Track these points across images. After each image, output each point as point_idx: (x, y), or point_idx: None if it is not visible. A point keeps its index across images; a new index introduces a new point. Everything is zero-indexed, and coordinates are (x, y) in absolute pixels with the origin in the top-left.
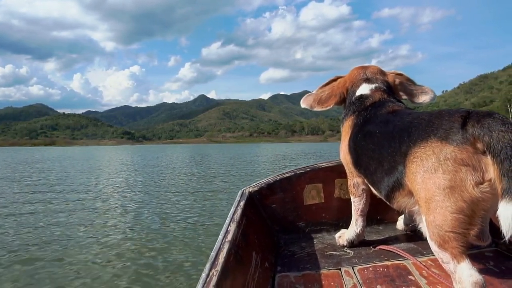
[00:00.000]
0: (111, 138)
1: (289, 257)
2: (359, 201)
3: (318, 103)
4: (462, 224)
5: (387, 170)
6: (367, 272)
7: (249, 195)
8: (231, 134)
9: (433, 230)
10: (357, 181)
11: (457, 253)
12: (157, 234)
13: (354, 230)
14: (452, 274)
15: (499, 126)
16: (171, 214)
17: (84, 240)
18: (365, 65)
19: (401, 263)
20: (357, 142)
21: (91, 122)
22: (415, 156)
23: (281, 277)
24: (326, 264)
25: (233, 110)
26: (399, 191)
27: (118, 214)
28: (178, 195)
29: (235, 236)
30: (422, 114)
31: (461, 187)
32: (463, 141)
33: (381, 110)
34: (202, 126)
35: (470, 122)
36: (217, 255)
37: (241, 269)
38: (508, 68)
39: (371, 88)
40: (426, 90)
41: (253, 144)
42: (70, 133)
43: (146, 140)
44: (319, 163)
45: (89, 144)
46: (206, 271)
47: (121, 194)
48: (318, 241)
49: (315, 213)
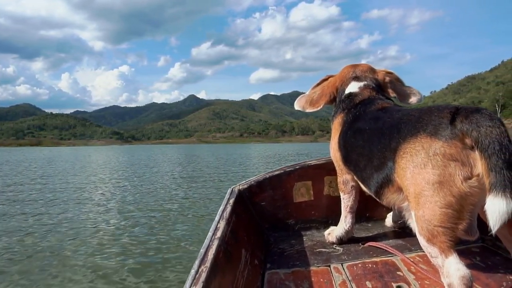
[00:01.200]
0: (100, 139)
1: (278, 254)
2: (348, 198)
3: (310, 104)
4: (450, 219)
5: (376, 166)
6: (356, 268)
7: (238, 193)
8: (221, 135)
9: (422, 224)
10: (347, 178)
11: (445, 247)
12: (146, 231)
13: (343, 227)
14: (440, 268)
15: (487, 121)
16: (160, 212)
17: (72, 240)
18: (356, 64)
19: (389, 259)
20: (347, 139)
21: (80, 122)
22: (405, 151)
23: (271, 274)
24: (315, 261)
25: (223, 110)
26: (389, 187)
27: (105, 213)
28: (167, 195)
29: (225, 233)
30: (411, 111)
31: (450, 182)
32: (452, 137)
33: (370, 107)
34: (192, 127)
35: (459, 118)
36: (206, 251)
37: (230, 266)
38: (495, 69)
39: (360, 86)
40: (414, 91)
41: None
42: (58, 133)
43: (135, 140)
44: (308, 161)
45: (76, 145)
46: (195, 267)
47: (107, 194)
48: (308, 238)
49: (304, 210)
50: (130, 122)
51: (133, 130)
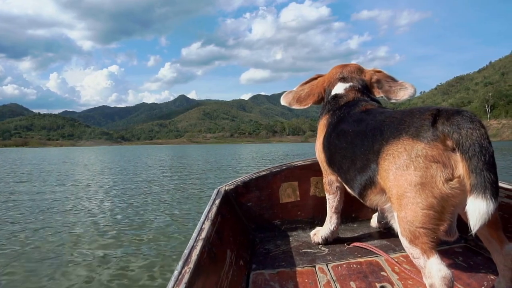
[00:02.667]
0: (89, 139)
1: (264, 254)
2: (334, 199)
3: (297, 101)
4: (432, 220)
5: (359, 168)
6: (340, 269)
7: (224, 194)
8: (211, 135)
9: (404, 226)
10: (332, 179)
11: (427, 248)
12: (129, 232)
13: (329, 228)
14: (422, 269)
15: (468, 123)
16: (146, 213)
17: (54, 240)
18: (345, 64)
19: (374, 259)
20: (331, 140)
21: (68, 122)
22: (388, 153)
23: (256, 274)
24: (300, 262)
25: (213, 111)
26: (372, 189)
27: (86, 215)
28: (152, 196)
29: (209, 234)
30: (394, 113)
31: (431, 184)
32: (433, 139)
33: (355, 109)
34: (182, 127)
35: (440, 120)
36: (190, 252)
37: (215, 267)
38: (483, 70)
39: (346, 88)
40: (406, 85)
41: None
42: (45, 134)
43: (125, 140)
44: (294, 162)
45: (64, 145)
46: (178, 268)
47: (89, 195)
48: (294, 239)
49: (290, 211)
50: (120, 122)
51: (122, 131)
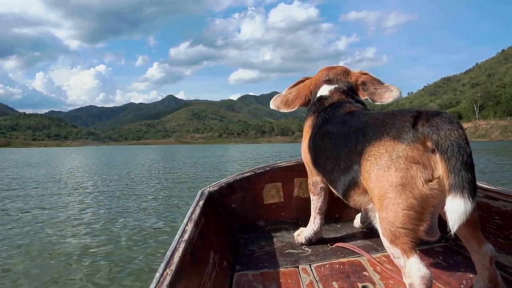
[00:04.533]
0: (75, 139)
1: (248, 256)
2: (318, 199)
3: (285, 104)
4: (412, 221)
5: (343, 169)
6: (323, 269)
7: (208, 195)
8: (200, 135)
9: (385, 226)
10: (316, 180)
11: (407, 248)
12: (112, 234)
13: (312, 228)
14: (402, 268)
15: (446, 125)
16: (129, 215)
17: (33, 242)
18: (332, 66)
19: (356, 259)
20: (316, 142)
21: (54, 122)
22: (370, 154)
23: (239, 275)
24: (284, 262)
25: (202, 111)
26: (355, 190)
27: (70, 215)
28: (137, 197)
29: (192, 236)
30: (377, 114)
31: (412, 185)
32: (414, 140)
33: (339, 111)
34: (170, 127)
35: (420, 122)
36: (172, 254)
37: (198, 269)
38: (469, 71)
39: (331, 89)
40: (391, 88)
41: (223, 145)
42: (31, 134)
43: (112, 141)
44: (278, 163)
45: (49, 146)
46: (160, 271)
47: (68, 196)
48: (278, 240)
49: (274, 212)
50: (107, 122)
51: (110, 131)
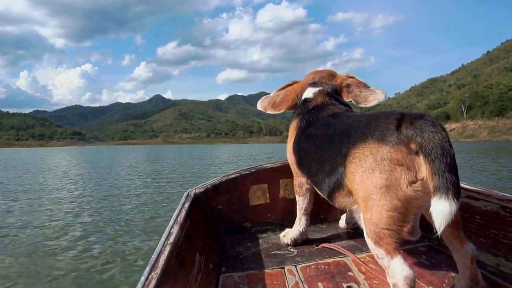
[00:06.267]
0: (60, 139)
1: (234, 257)
2: (303, 200)
3: (272, 106)
4: (396, 222)
5: (328, 171)
6: (309, 269)
7: (194, 197)
8: (187, 135)
9: (369, 227)
10: (302, 181)
11: (391, 249)
12: (97, 237)
13: (298, 229)
14: (386, 269)
15: (430, 127)
16: (114, 217)
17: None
18: (320, 70)
19: (341, 260)
20: (300, 144)
21: (39, 122)
22: (354, 157)
23: (225, 277)
24: (270, 264)
25: (189, 111)
26: (340, 191)
27: (53, 218)
28: (124, 198)
29: (178, 238)
30: (361, 117)
31: (396, 186)
32: (398, 142)
33: (323, 113)
34: (157, 127)
35: (404, 124)
36: (158, 257)
37: (183, 271)
38: (455, 72)
39: (315, 92)
40: (377, 92)
41: (211, 145)
42: (14, 134)
43: (98, 141)
44: (264, 164)
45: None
46: (145, 274)
47: (55, 196)
48: (263, 241)
49: (260, 213)
50: (93, 122)
51: (96, 131)
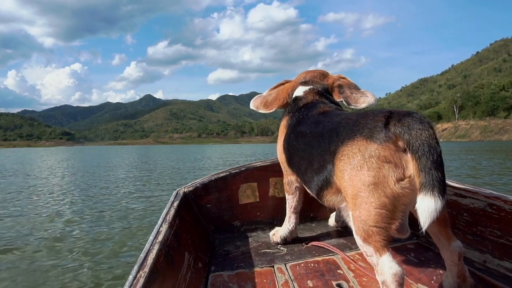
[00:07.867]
0: (49, 139)
1: (223, 256)
2: (293, 199)
3: (264, 105)
4: (384, 219)
5: (317, 169)
6: (298, 268)
7: (183, 196)
8: (178, 135)
9: (358, 225)
10: (291, 179)
11: (380, 246)
12: (85, 236)
13: (287, 227)
14: (375, 266)
15: (417, 124)
16: (101, 217)
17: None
18: (312, 70)
19: (331, 258)
20: (290, 142)
21: (27, 122)
22: (343, 154)
23: (215, 276)
24: (259, 262)
25: (180, 111)
26: (328, 189)
27: (42, 217)
28: (112, 197)
29: (166, 237)
30: (350, 115)
31: (384, 184)
32: (386, 139)
33: (313, 111)
34: (148, 127)
35: (392, 122)
36: (146, 256)
37: (172, 270)
38: (445, 73)
39: (305, 90)
40: (367, 94)
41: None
42: (1, 134)
43: (88, 141)
44: (253, 163)
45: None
46: (133, 273)
47: (42, 196)
48: (253, 240)
49: (250, 212)
50: (83, 122)
51: (85, 131)
